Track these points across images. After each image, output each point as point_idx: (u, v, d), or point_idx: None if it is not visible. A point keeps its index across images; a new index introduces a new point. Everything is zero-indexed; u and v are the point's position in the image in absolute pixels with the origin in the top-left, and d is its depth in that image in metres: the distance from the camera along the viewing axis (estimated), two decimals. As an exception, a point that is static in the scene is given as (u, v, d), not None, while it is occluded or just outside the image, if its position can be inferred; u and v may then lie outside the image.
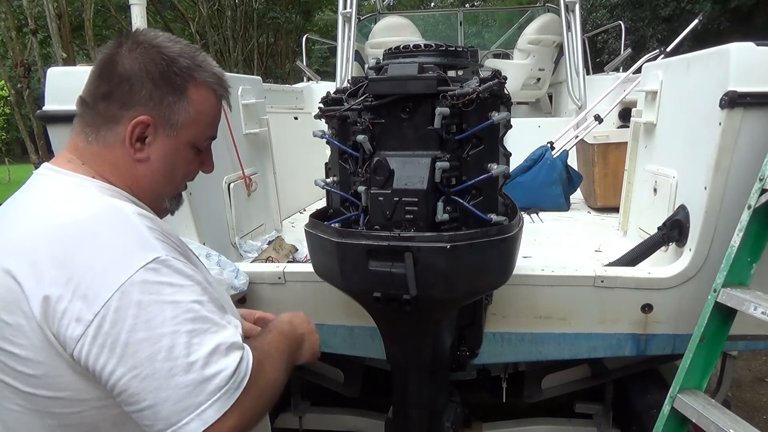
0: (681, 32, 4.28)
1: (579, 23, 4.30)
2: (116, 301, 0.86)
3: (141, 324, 0.85)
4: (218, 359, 0.88)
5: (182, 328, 0.87)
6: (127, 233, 0.93)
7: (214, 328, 0.90)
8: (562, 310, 1.88)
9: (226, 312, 0.97)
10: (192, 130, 1.08)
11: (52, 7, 9.22)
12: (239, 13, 16.22)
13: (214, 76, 1.10)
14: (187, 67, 1.06)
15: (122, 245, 0.91)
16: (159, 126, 1.05)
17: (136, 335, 0.85)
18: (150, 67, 1.04)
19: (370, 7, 8.97)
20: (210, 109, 1.11)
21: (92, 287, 0.87)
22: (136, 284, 0.87)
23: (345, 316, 1.92)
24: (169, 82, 1.05)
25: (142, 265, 0.88)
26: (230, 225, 2.39)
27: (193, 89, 1.07)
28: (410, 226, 1.31)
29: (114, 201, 0.99)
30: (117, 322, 0.85)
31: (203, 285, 0.95)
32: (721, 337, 1.65)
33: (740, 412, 3.25)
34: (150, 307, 0.87)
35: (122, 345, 0.85)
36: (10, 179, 18.71)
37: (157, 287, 0.88)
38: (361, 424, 2.46)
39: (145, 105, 1.03)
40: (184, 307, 0.89)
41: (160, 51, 1.05)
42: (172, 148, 1.08)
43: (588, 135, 3.53)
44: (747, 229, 1.56)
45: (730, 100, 1.62)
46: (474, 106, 1.31)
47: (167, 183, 1.11)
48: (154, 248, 0.92)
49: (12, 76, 11.46)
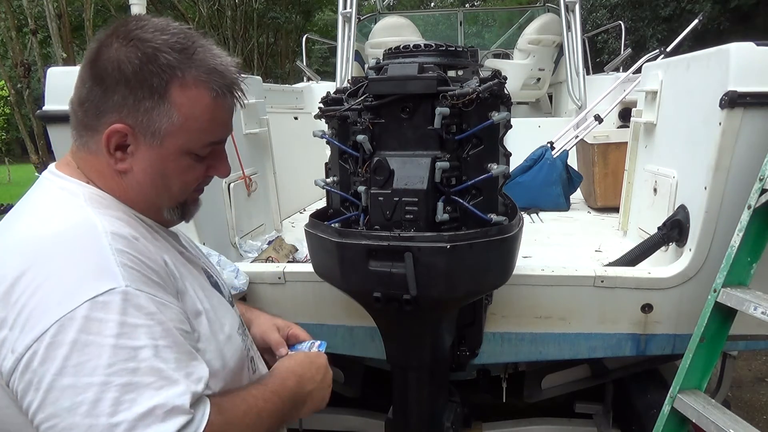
0: (681, 32, 4.28)
1: (579, 23, 4.30)
2: (50, 336, 0.75)
3: (70, 368, 0.74)
4: (150, 425, 0.74)
5: (116, 379, 0.75)
6: (87, 257, 0.81)
7: (159, 383, 0.77)
8: (562, 310, 1.88)
9: (191, 360, 0.83)
10: (180, 138, 0.93)
11: (52, 7, 9.22)
12: (239, 13, 16.23)
13: (209, 72, 0.92)
14: (169, 65, 0.89)
15: (76, 271, 0.80)
16: (138, 134, 0.91)
17: (62, 380, 0.74)
18: (124, 66, 0.88)
19: (370, 7, 8.97)
20: (203, 111, 0.93)
21: (33, 315, 0.77)
22: (77, 319, 0.76)
23: (345, 316, 1.92)
24: (144, 83, 0.89)
25: (89, 297, 0.77)
26: (230, 225, 2.39)
27: (177, 91, 0.90)
28: (410, 226, 1.31)
29: (91, 215, 0.87)
30: (46, 360, 0.75)
31: (165, 326, 0.81)
32: (721, 337, 1.64)
33: (740, 412, 3.25)
34: (85, 348, 0.75)
35: (45, 388, 0.74)
36: (10, 179, 18.71)
37: (99, 326, 0.76)
38: (361, 424, 2.46)
39: (119, 111, 0.90)
40: (125, 354, 0.76)
41: (137, 45, 0.89)
42: (157, 159, 0.93)
43: (588, 135, 3.53)
44: (747, 229, 1.56)
45: (730, 100, 1.62)
46: (474, 106, 1.31)
47: (160, 194, 0.98)
48: (112, 276, 0.80)
49: (12, 76, 11.46)
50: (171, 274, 0.92)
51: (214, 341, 0.97)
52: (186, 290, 0.95)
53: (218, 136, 1.00)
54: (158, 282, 0.87)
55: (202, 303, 0.98)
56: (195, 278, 1.02)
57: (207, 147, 0.98)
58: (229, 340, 1.02)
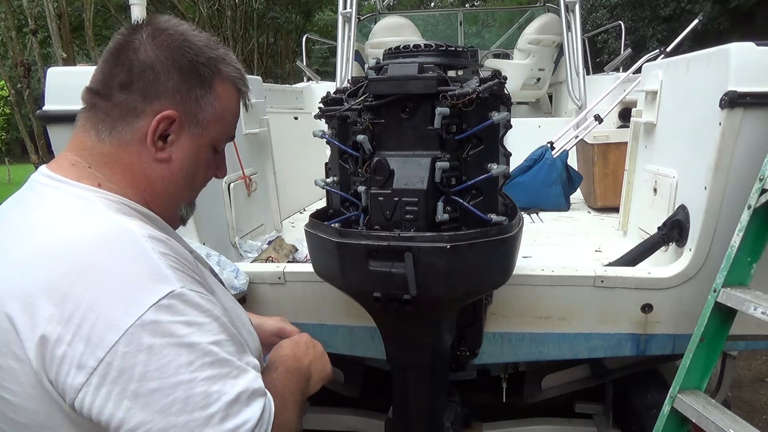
0: (681, 32, 4.28)
1: (579, 23, 4.30)
2: (124, 345, 0.75)
3: (153, 372, 0.75)
4: (239, 410, 0.79)
5: (200, 374, 0.77)
6: (137, 262, 0.81)
7: (234, 372, 0.81)
8: (562, 310, 1.88)
9: (245, 350, 0.88)
10: (216, 128, 1.00)
11: (52, 7, 9.22)
12: (239, 13, 16.23)
13: (237, 72, 1.02)
14: (214, 59, 0.97)
15: (131, 277, 0.79)
16: (184, 122, 0.95)
17: (148, 385, 0.75)
18: (177, 55, 0.93)
19: (370, 7, 8.97)
20: (233, 105, 1.02)
21: (96, 328, 0.75)
22: (147, 325, 0.76)
23: (345, 316, 1.92)
24: (197, 73, 0.95)
25: (153, 302, 0.77)
26: (230, 225, 2.39)
27: (219, 83, 0.98)
28: (410, 226, 1.31)
29: (122, 221, 0.86)
30: (125, 369, 0.75)
31: (221, 321, 0.85)
32: (721, 337, 1.64)
33: (740, 412, 3.25)
34: (163, 351, 0.76)
35: (131, 396, 0.75)
36: (10, 179, 18.72)
37: (170, 328, 0.77)
38: (361, 424, 2.46)
39: (171, 98, 0.93)
40: (201, 350, 0.79)
41: (186, 39, 0.95)
42: (195, 149, 0.98)
43: (588, 135, 3.53)
44: (747, 229, 1.56)
45: (730, 100, 1.62)
46: (474, 106, 1.31)
47: (186, 188, 1.01)
48: (167, 280, 0.80)
49: (12, 76, 11.46)
50: (201, 274, 0.94)
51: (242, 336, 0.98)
52: (214, 288, 0.98)
53: (234, 132, 1.07)
54: (199, 281, 0.89)
55: (225, 299, 1.02)
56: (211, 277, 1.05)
57: (226, 142, 1.05)
58: (250, 334, 1.07)
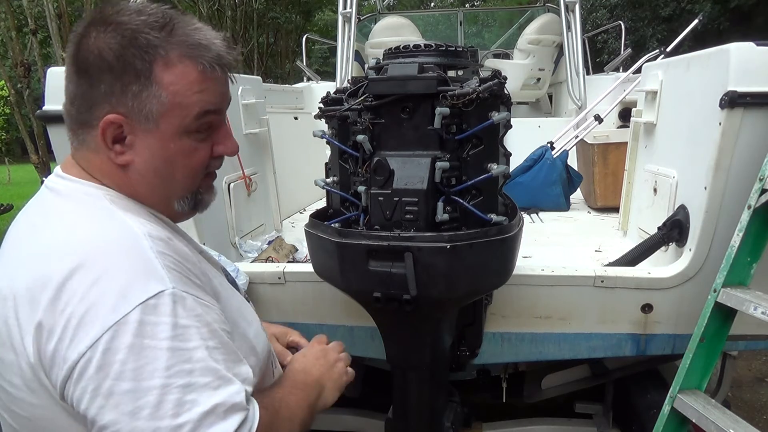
0: (681, 32, 4.28)
1: (579, 23, 4.30)
2: (105, 342, 0.74)
3: (128, 372, 0.74)
4: (213, 423, 0.75)
5: (176, 381, 0.75)
6: (132, 260, 0.81)
7: (216, 382, 0.78)
8: (562, 310, 1.88)
9: (237, 360, 0.85)
10: (174, 117, 0.89)
11: (52, 7, 9.20)
12: (239, 13, 16.21)
13: (192, 46, 0.89)
14: (150, 44, 0.86)
15: (123, 275, 0.79)
16: (133, 122, 0.88)
17: (121, 385, 0.74)
18: (105, 53, 0.85)
19: (370, 7, 8.97)
20: (191, 85, 0.89)
21: (84, 322, 0.75)
22: (131, 324, 0.75)
23: (345, 316, 1.92)
24: (128, 67, 0.85)
25: (141, 301, 0.76)
26: (230, 225, 2.39)
27: (162, 70, 0.87)
28: (410, 226, 1.31)
29: (124, 218, 0.86)
30: (103, 366, 0.74)
31: (212, 327, 0.82)
32: (721, 337, 1.64)
33: (740, 412, 3.25)
34: (142, 352, 0.75)
35: (105, 394, 0.74)
36: (10, 179, 18.69)
37: (154, 329, 0.76)
38: (361, 424, 2.46)
39: (109, 101, 0.87)
40: (182, 356, 0.76)
41: (116, 29, 0.86)
42: (158, 145, 0.90)
43: (588, 135, 3.53)
44: (747, 229, 1.56)
45: (730, 100, 1.62)
46: (474, 106, 1.31)
47: (167, 184, 0.94)
48: (160, 279, 0.79)
49: (12, 76, 11.44)
50: (205, 274, 0.92)
51: (246, 338, 0.98)
52: (219, 290, 0.95)
53: (212, 104, 0.93)
54: (198, 283, 0.86)
55: (231, 301, 0.99)
56: (219, 277, 1.02)
57: (202, 120, 0.92)
58: (257, 335, 1.04)
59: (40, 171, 9.17)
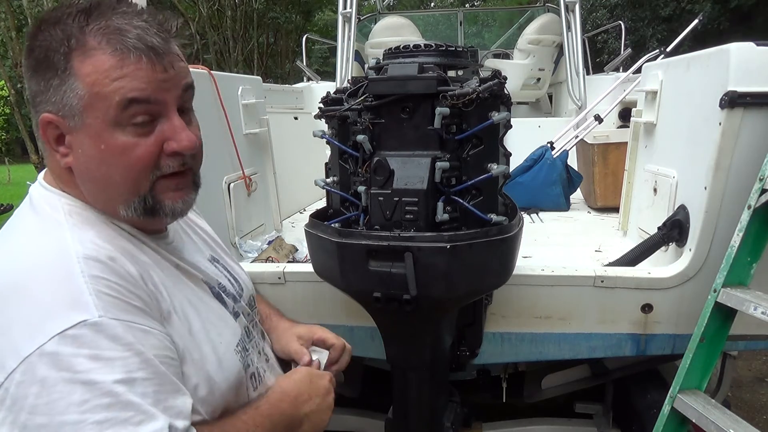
0: (681, 32, 4.28)
1: (579, 23, 4.30)
2: (20, 374, 0.72)
3: (42, 406, 0.71)
4: None
5: (91, 417, 0.71)
6: (57, 287, 0.77)
7: (137, 417, 0.73)
8: (562, 310, 1.88)
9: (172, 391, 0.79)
10: (98, 110, 0.82)
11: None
12: (239, 13, 16.22)
13: (108, 31, 0.81)
14: (66, 36, 0.81)
15: (45, 303, 0.75)
16: (63, 120, 0.83)
17: (35, 419, 0.71)
18: (35, 51, 0.83)
19: (370, 7, 8.97)
20: (108, 72, 0.81)
21: (3, 352, 0.74)
22: (46, 356, 0.72)
23: (345, 316, 1.92)
24: (48, 62, 0.82)
25: (59, 331, 0.73)
26: (230, 225, 2.39)
27: (79, 61, 0.81)
28: (410, 226, 1.31)
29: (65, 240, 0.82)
30: (17, 399, 0.72)
31: (144, 356, 0.77)
32: (721, 337, 1.64)
33: (740, 412, 3.25)
34: (56, 386, 0.71)
35: (20, 427, 0.72)
36: (10, 179, 18.70)
37: (69, 361, 0.72)
38: (361, 424, 2.46)
39: (41, 100, 0.84)
40: (100, 389, 0.72)
41: (43, 26, 0.83)
42: (88, 143, 0.84)
43: (588, 135, 3.53)
44: (747, 229, 1.56)
45: (730, 100, 1.62)
46: (474, 106, 1.31)
47: (106, 187, 0.87)
48: (84, 307, 0.75)
49: (12, 76, 11.46)
50: (154, 296, 0.86)
51: (203, 365, 0.92)
52: (173, 311, 0.90)
53: (138, 91, 0.83)
54: (139, 306, 0.82)
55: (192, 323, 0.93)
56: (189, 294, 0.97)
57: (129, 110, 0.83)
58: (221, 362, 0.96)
59: (40, 171, 9.18)
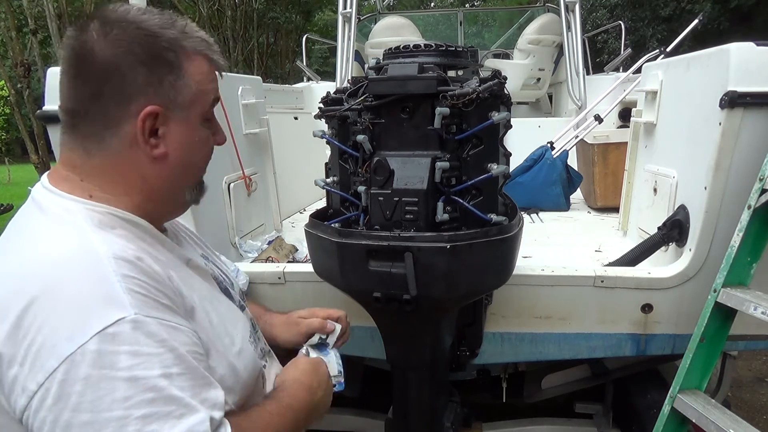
0: (681, 32, 4.28)
1: (579, 23, 4.30)
2: (62, 373, 0.73)
3: (86, 404, 0.73)
4: None
5: (135, 412, 0.74)
6: (92, 287, 0.79)
7: (179, 411, 0.76)
8: (562, 310, 1.88)
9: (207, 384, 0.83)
10: (200, 103, 0.97)
11: (52, 7, 9.20)
12: (239, 13, 16.21)
13: (202, 42, 0.98)
14: (175, 39, 0.93)
15: (82, 302, 0.77)
16: (169, 112, 0.93)
17: (80, 417, 0.73)
18: (136, 48, 0.89)
19: (370, 7, 8.98)
20: (207, 76, 0.99)
21: (42, 352, 0.75)
22: (88, 354, 0.74)
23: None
24: (163, 60, 0.92)
25: (98, 330, 0.75)
26: (230, 225, 2.39)
27: (187, 61, 0.94)
28: (410, 226, 1.31)
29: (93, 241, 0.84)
30: (60, 398, 0.73)
31: (178, 352, 0.80)
32: (721, 337, 1.64)
33: (740, 412, 3.25)
34: (99, 384, 0.73)
35: (63, 425, 0.73)
36: (10, 179, 18.70)
37: (111, 359, 0.74)
38: (361, 424, 2.46)
39: (146, 93, 0.90)
40: (142, 385, 0.75)
41: (139, 27, 0.91)
42: (189, 132, 0.96)
43: (588, 135, 3.53)
44: (747, 229, 1.56)
45: (730, 100, 1.62)
46: (474, 106, 1.31)
47: (188, 173, 1.00)
48: (121, 305, 0.78)
49: (12, 76, 11.44)
50: (179, 293, 0.90)
51: (226, 357, 0.96)
52: (195, 307, 0.93)
53: (217, 93, 1.03)
54: (167, 305, 0.85)
55: (211, 318, 0.97)
56: (203, 290, 1.00)
57: (212, 108, 1.02)
58: (241, 353, 1.01)
59: (40, 171, 9.16)
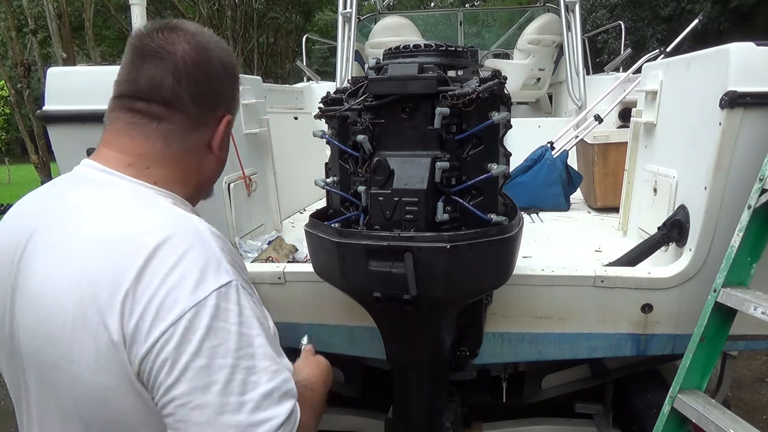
0: (681, 32, 4.28)
1: (579, 23, 4.30)
2: (186, 321, 0.81)
3: (205, 350, 0.80)
4: (270, 405, 0.82)
5: (243, 363, 0.82)
6: (205, 248, 0.88)
7: (273, 367, 0.86)
8: (562, 310, 1.88)
9: (280, 352, 0.92)
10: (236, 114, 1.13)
11: (52, 7, 9.20)
12: (239, 13, 16.22)
13: None
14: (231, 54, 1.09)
15: (201, 261, 0.86)
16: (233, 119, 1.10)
17: (198, 361, 0.80)
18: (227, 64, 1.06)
19: (370, 7, 8.98)
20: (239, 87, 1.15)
21: (165, 304, 0.81)
22: (209, 307, 0.82)
23: (345, 316, 1.92)
24: (235, 74, 1.08)
25: (216, 288, 0.84)
26: (230, 225, 2.39)
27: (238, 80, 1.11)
28: (410, 226, 1.31)
29: (187, 215, 0.95)
30: (182, 343, 0.80)
31: (261, 321, 0.89)
32: (721, 337, 1.65)
33: (740, 412, 3.25)
34: (218, 333, 0.82)
35: (181, 368, 0.80)
36: (10, 179, 18.70)
37: (226, 314, 0.83)
38: (361, 424, 2.46)
39: (227, 103, 1.07)
40: (248, 341, 0.84)
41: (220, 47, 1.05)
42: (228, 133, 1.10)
43: (588, 135, 3.53)
44: (747, 229, 1.56)
45: (730, 100, 1.62)
46: (474, 106, 1.31)
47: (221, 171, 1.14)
48: (227, 271, 0.87)
49: (12, 76, 11.44)
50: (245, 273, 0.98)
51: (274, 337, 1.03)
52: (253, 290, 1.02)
53: None
54: (247, 280, 0.94)
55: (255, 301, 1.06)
56: None
57: None
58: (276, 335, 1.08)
59: (40, 171, 9.16)
